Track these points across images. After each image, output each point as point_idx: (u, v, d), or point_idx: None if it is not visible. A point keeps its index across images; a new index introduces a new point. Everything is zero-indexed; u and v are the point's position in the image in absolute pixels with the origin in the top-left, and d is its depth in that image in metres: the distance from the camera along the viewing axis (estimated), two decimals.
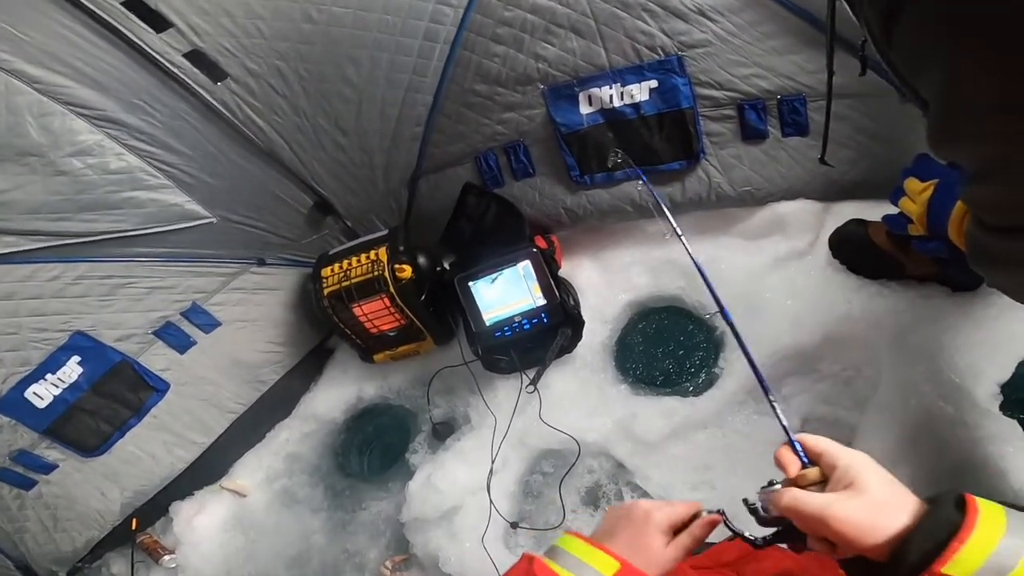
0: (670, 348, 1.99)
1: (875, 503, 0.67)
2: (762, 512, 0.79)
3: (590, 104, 1.81)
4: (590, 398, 1.93)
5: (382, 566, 1.87)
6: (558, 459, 1.91)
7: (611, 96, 1.78)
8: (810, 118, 1.69)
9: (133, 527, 2.03)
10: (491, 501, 1.80)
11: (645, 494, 1.75)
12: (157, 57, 1.53)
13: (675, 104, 1.74)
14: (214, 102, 1.67)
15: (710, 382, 1.87)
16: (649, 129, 1.81)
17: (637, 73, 1.72)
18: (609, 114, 1.82)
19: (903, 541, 0.64)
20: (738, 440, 1.75)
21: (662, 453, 1.78)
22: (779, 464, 0.78)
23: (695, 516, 0.87)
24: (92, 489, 1.98)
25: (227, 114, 1.71)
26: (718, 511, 0.85)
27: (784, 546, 0.80)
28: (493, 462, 1.85)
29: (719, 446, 1.76)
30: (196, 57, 1.57)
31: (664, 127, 1.80)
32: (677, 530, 0.85)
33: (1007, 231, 0.78)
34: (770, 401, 0.85)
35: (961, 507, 0.64)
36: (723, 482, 1.70)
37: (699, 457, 1.76)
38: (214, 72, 1.61)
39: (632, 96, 1.77)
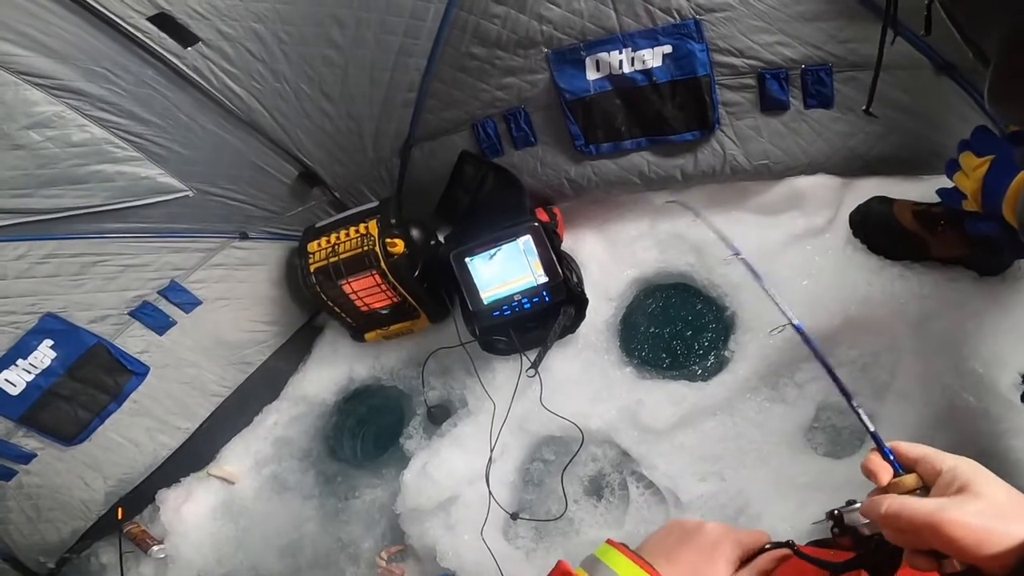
0: (678, 328, 1.90)
1: (996, 506, 0.58)
2: (845, 529, 0.71)
3: (597, 70, 1.67)
4: (593, 381, 1.84)
5: (377, 557, 1.80)
6: (560, 446, 1.83)
7: (621, 61, 1.64)
8: (836, 89, 1.57)
9: (119, 517, 1.96)
10: (490, 492, 1.73)
11: (651, 484, 1.69)
12: (119, 21, 1.37)
13: (690, 71, 1.61)
14: (185, 68, 1.52)
15: (720, 365, 1.78)
16: (661, 97, 1.68)
17: (650, 37, 1.58)
18: (618, 80, 1.68)
19: None
20: (749, 429, 1.68)
21: (669, 441, 1.71)
22: (868, 472, 0.67)
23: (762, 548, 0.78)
24: (74, 478, 1.90)
25: (200, 81, 1.56)
26: (788, 543, 0.76)
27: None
28: (492, 450, 1.77)
29: (729, 435, 1.69)
30: (163, 20, 1.40)
31: (677, 95, 1.67)
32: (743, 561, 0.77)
33: None
34: (854, 408, 0.72)
35: None
36: (733, 473, 1.63)
37: (708, 446, 1.68)
38: (184, 36, 1.45)
39: (644, 62, 1.63)
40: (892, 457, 0.66)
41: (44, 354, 1.75)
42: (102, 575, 2.04)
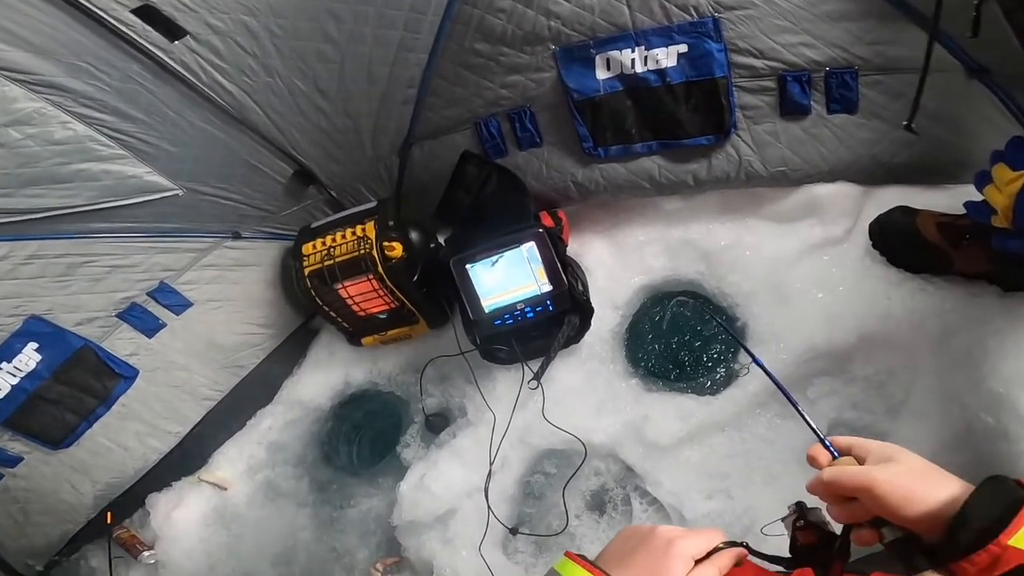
0: (686, 338, 1.83)
1: (918, 469, 0.68)
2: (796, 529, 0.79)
3: (608, 69, 1.59)
4: (597, 393, 1.78)
5: (373, 568, 1.75)
6: (562, 459, 1.77)
7: (633, 60, 1.55)
8: (861, 94, 1.48)
9: (108, 521, 1.91)
10: (489, 507, 1.67)
11: (655, 501, 1.63)
12: (101, 14, 1.29)
13: (707, 72, 1.52)
14: (172, 63, 1.43)
15: (729, 379, 1.72)
16: (675, 99, 1.59)
17: (665, 35, 1.49)
18: (629, 80, 1.59)
19: (963, 508, 0.62)
20: (758, 446, 1.62)
21: (675, 458, 1.65)
22: (810, 459, 0.78)
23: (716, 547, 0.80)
24: (62, 482, 1.85)
25: (188, 76, 1.47)
26: (742, 543, 0.78)
27: None
28: (492, 464, 1.71)
29: (738, 451, 1.63)
30: (148, 13, 1.32)
31: (692, 97, 1.58)
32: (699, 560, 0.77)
33: None
34: (793, 402, 0.86)
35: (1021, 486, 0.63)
36: (740, 491, 1.58)
37: (715, 463, 1.63)
38: (170, 30, 1.36)
39: (657, 61, 1.54)
40: (829, 444, 0.76)
41: (29, 357, 1.69)
42: None
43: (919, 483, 0.66)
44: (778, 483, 1.56)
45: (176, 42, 1.40)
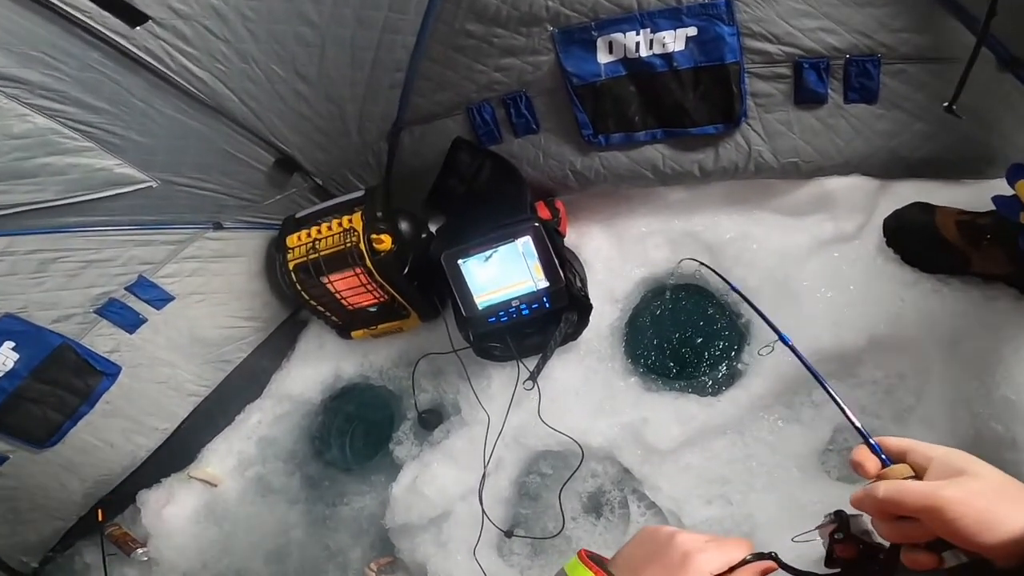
0: (688, 334, 1.76)
1: (997, 486, 0.55)
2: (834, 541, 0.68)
3: (610, 52, 1.48)
4: (595, 392, 1.72)
5: (367, 568, 1.73)
6: (558, 460, 1.73)
7: (637, 44, 1.44)
8: (883, 83, 1.37)
9: (100, 519, 1.89)
10: (484, 511, 1.63)
11: (653, 504, 1.59)
12: (54, 1, 1.17)
13: (717, 57, 1.42)
14: (135, 50, 1.32)
15: (731, 378, 1.66)
16: (682, 85, 1.49)
17: (673, 17, 1.38)
18: (633, 65, 1.48)
19: None
20: (760, 450, 1.57)
21: (674, 461, 1.60)
22: (855, 465, 0.64)
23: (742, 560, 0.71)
24: (49, 480, 1.82)
25: (154, 64, 1.36)
26: (770, 554, 0.69)
27: None
28: (486, 467, 1.67)
29: (739, 456, 1.58)
30: None
31: (701, 84, 1.48)
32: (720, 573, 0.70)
33: None
34: (833, 397, 0.72)
35: None
36: (741, 497, 1.53)
37: (715, 467, 1.58)
38: (130, 15, 1.24)
39: (664, 45, 1.43)
40: (879, 449, 0.63)
41: (6, 356, 1.63)
42: (86, 574, 1.98)
43: (999, 504, 0.54)
44: (779, 488, 1.52)
45: (137, 28, 1.28)
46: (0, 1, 1.16)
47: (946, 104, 1.26)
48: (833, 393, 0.72)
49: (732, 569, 0.67)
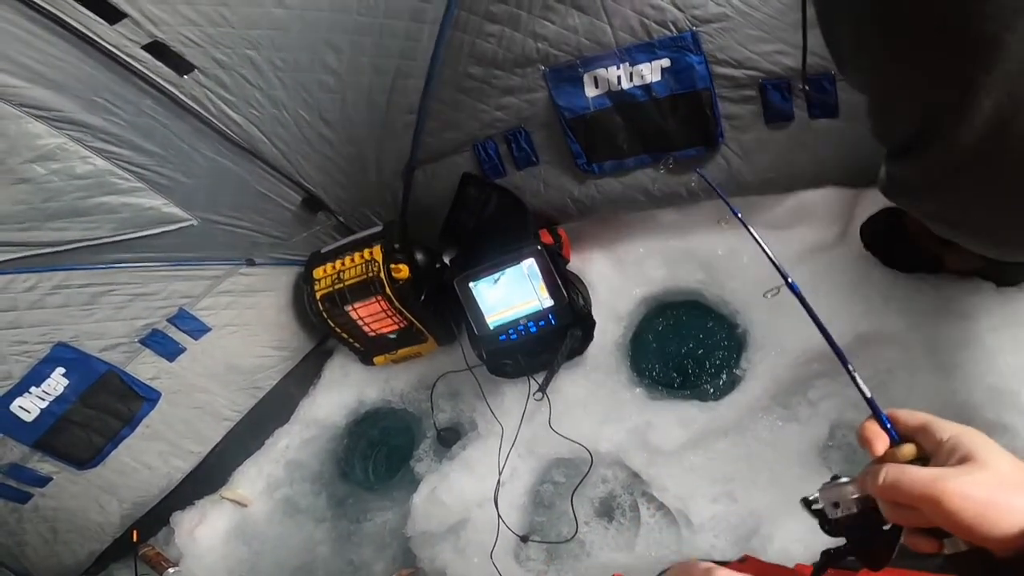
0: (689, 347, 1.86)
1: (1003, 478, 0.53)
2: (831, 513, 0.64)
3: (596, 86, 1.64)
4: (603, 403, 1.81)
5: None
6: (570, 468, 1.80)
7: (619, 77, 1.61)
8: (840, 98, 1.51)
9: (134, 539, 1.98)
10: (499, 515, 1.70)
11: (662, 506, 1.65)
12: (114, 51, 1.38)
13: (690, 85, 1.57)
14: (182, 97, 1.52)
15: (732, 384, 1.74)
16: (662, 112, 1.64)
17: (647, 51, 1.55)
18: (617, 97, 1.64)
19: None
20: (761, 449, 1.64)
21: (679, 463, 1.67)
22: (862, 440, 0.62)
23: None
24: (89, 501, 1.92)
25: (198, 109, 1.56)
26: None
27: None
28: (501, 474, 1.75)
29: (741, 455, 1.65)
30: (157, 49, 1.41)
31: (678, 110, 1.62)
32: None
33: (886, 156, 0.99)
34: (849, 371, 0.67)
35: None
36: (745, 494, 1.59)
37: (719, 467, 1.64)
38: (179, 65, 1.45)
39: (642, 76, 1.59)
40: (889, 425, 0.61)
41: (57, 382, 1.76)
42: None
43: (1002, 495, 0.52)
44: (781, 485, 1.57)
45: (185, 76, 1.48)
46: (67, 49, 1.34)
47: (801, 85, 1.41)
48: (841, 350, 0.69)
49: None
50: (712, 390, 1.77)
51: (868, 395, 0.63)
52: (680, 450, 1.68)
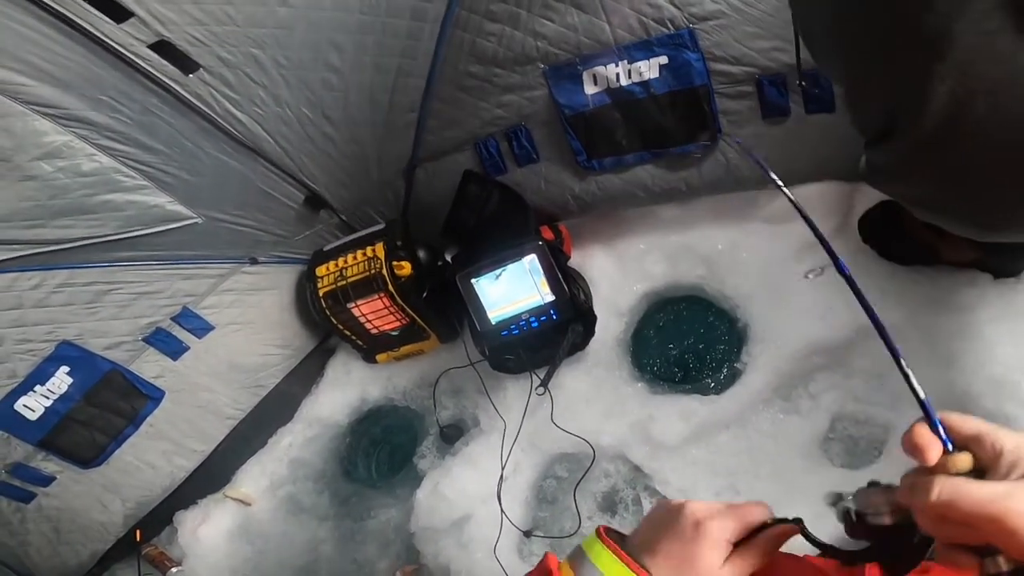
0: (690, 341, 1.87)
1: None
2: (870, 519, 0.60)
3: (595, 83, 1.66)
4: (605, 398, 1.82)
5: None
6: (572, 463, 1.81)
7: (617, 74, 1.63)
8: (835, 93, 1.53)
9: (137, 539, 1.98)
10: (502, 510, 1.71)
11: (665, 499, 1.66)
12: (120, 50, 1.39)
13: (687, 82, 1.59)
14: (187, 95, 1.54)
15: (732, 378, 1.76)
16: (660, 109, 1.66)
17: (645, 49, 1.57)
18: (616, 94, 1.66)
19: None
20: (763, 441, 1.65)
21: (682, 456, 1.68)
22: (912, 447, 0.54)
23: (762, 525, 0.68)
24: (92, 501, 1.92)
25: (203, 107, 1.58)
26: (795, 520, 0.66)
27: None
28: (503, 468, 1.76)
29: (743, 448, 1.66)
30: (163, 48, 1.42)
31: (676, 106, 1.64)
32: (739, 539, 0.67)
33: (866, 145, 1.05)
34: (901, 367, 0.59)
35: None
36: (747, 486, 1.60)
37: (721, 460, 1.66)
38: (184, 63, 1.47)
39: (640, 74, 1.61)
40: (942, 430, 0.54)
41: (61, 380, 1.77)
42: None
43: None
44: (783, 477, 1.58)
45: (190, 75, 1.50)
46: (74, 48, 1.35)
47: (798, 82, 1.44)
48: (891, 340, 0.61)
49: (752, 534, 0.65)
50: (713, 384, 1.79)
51: (923, 396, 0.56)
52: (682, 444, 1.69)
